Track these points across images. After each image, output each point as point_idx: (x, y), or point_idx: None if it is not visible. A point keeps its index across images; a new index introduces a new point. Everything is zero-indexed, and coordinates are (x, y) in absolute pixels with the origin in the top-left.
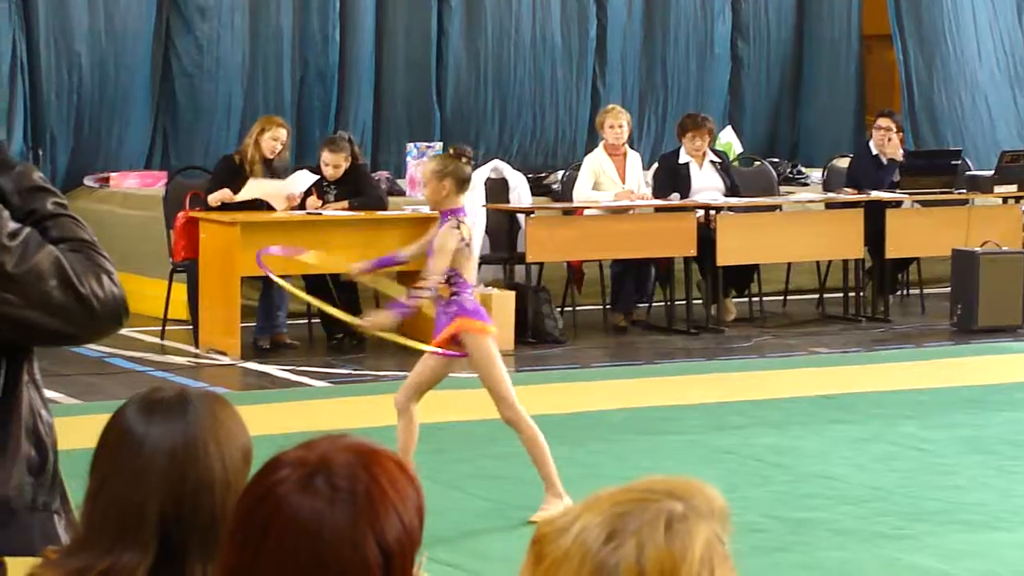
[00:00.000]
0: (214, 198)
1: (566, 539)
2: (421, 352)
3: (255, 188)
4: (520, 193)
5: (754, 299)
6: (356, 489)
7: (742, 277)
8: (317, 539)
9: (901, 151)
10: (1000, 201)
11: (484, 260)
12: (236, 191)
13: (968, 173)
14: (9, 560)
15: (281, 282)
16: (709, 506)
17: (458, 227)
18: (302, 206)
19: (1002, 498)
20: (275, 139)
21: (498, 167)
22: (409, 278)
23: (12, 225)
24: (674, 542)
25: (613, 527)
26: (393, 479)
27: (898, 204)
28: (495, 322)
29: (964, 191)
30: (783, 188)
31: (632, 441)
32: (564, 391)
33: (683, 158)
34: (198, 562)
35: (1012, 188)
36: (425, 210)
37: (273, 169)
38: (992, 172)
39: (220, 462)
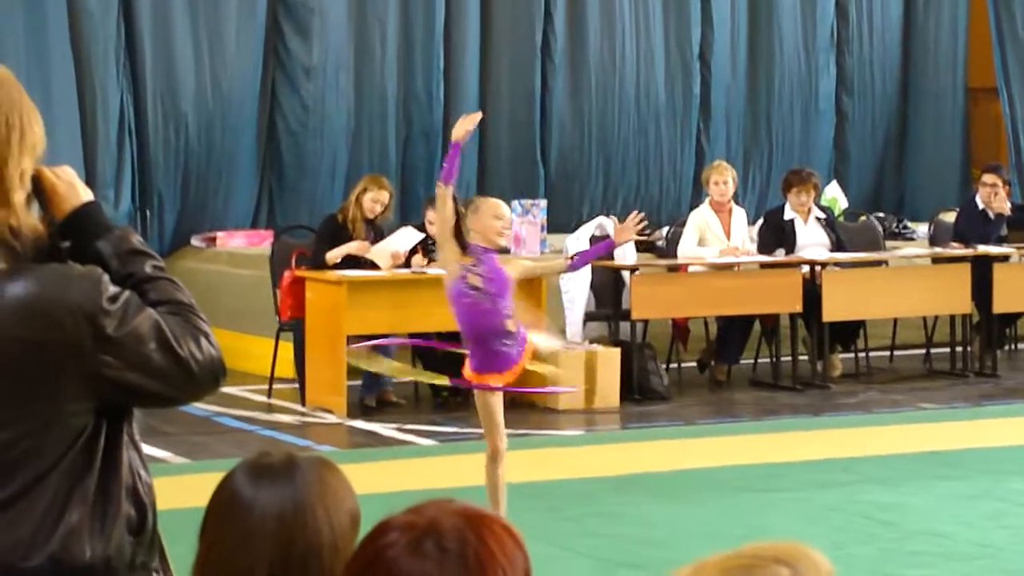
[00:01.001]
0: (333, 255)
1: None
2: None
3: (398, 238)
4: (625, 250)
5: (860, 355)
6: (465, 552)
7: (848, 333)
8: None
9: (1008, 205)
10: None
11: (589, 316)
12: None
13: None
14: None
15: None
16: (816, 570)
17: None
18: (407, 264)
19: None
20: (375, 200)
21: (603, 224)
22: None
23: (113, 289)
24: None
25: None
26: (501, 543)
27: (1006, 258)
28: (602, 378)
29: None
30: (889, 243)
31: (739, 498)
32: (670, 448)
33: (788, 214)
34: None
35: None
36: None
37: (377, 228)
38: None
39: (328, 526)
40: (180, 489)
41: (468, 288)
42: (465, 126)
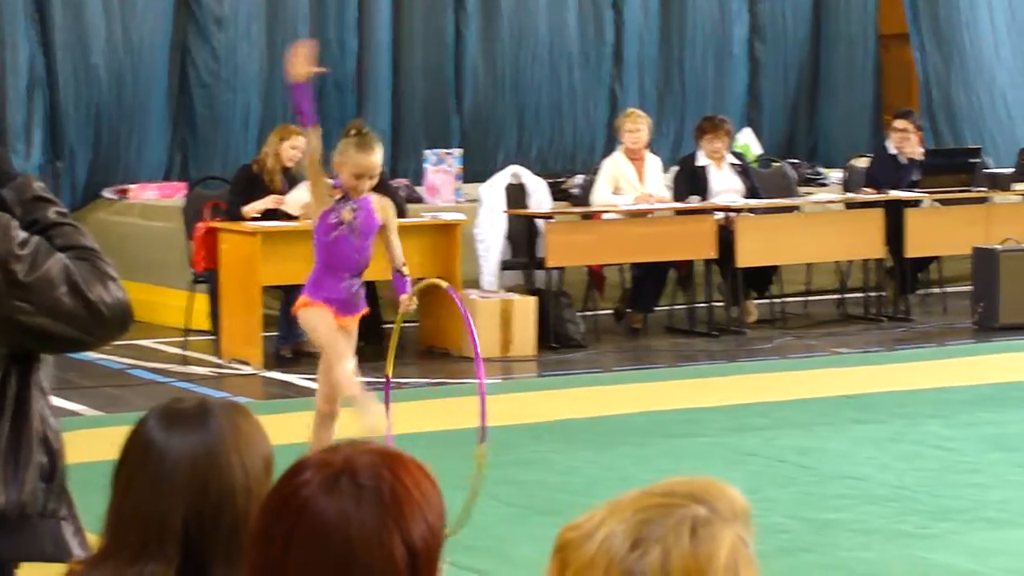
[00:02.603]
0: (250, 208)
1: (590, 546)
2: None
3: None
4: (540, 198)
5: (775, 300)
6: (381, 489)
7: (762, 279)
8: (344, 539)
9: (920, 150)
10: (1020, 198)
11: (505, 265)
12: (252, 200)
13: (987, 171)
14: (23, 566)
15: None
16: (732, 509)
17: None
18: None
19: None
20: (294, 147)
21: (517, 172)
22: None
23: (21, 234)
24: (699, 547)
25: (638, 534)
26: (416, 480)
27: (917, 203)
28: (518, 326)
29: (984, 189)
30: (802, 189)
31: (655, 444)
32: (587, 395)
33: (702, 161)
34: (222, 570)
35: None
36: (444, 217)
37: (292, 178)
38: (1012, 169)
39: (242, 470)
40: (95, 442)
41: (338, 221)
42: (299, 64)
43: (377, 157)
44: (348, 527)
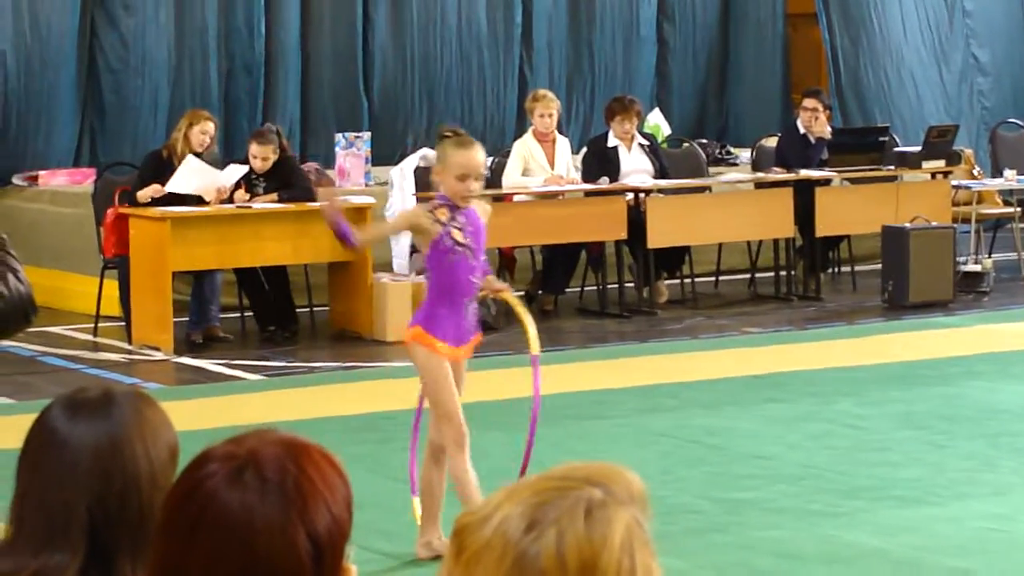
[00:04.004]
0: (143, 194)
1: (487, 530)
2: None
3: (186, 172)
4: None
5: (686, 281)
6: (285, 482)
7: (673, 259)
8: (248, 532)
9: (829, 129)
10: (928, 176)
11: (415, 249)
12: (164, 185)
13: (896, 149)
14: None
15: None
16: (628, 491)
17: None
18: (231, 200)
19: (935, 473)
20: (203, 132)
21: (427, 155)
22: None
23: None
24: (594, 529)
25: (533, 517)
26: (322, 471)
27: (827, 182)
28: None
29: (892, 167)
30: (712, 169)
31: (566, 426)
32: (499, 377)
33: (612, 142)
34: (127, 561)
35: (940, 163)
36: (354, 200)
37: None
38: (920, 148)
39: (146, 460)
40: (5, 430)
41: (453, 244)
42: (331, 201)
43: (480, 155)
44: (252, 520)
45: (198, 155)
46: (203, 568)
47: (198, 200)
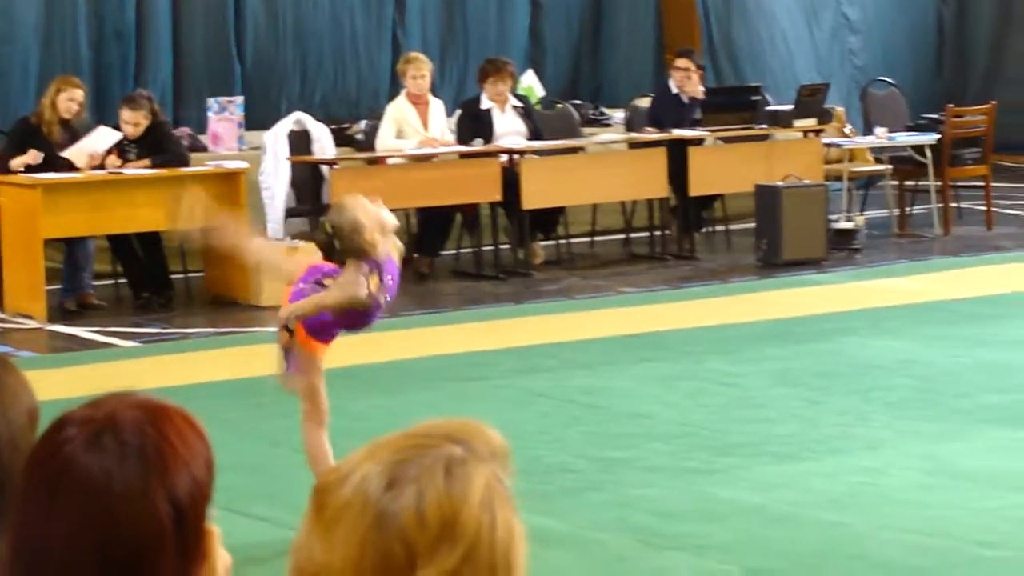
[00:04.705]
0: (17, 162)
1: (347, 489)
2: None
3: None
4: (323, 144)
5: (561, 242)
6: (144, 445)
7: (548, 220)
8: (107, 496)
9: (701, 89)
10: (800, 135)
11: (290, 212)
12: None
13: (768, 108)
14: None
15: None
16: (489, 448)
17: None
18: (102, 166)
19: (810, 428)
20: (71, 99)
21: (300, 119)
22: None
23: None
24: (453, 486)
25: (393, 475)
26: (182, 435)
27: (700, 142)
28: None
29: (765, 126)
30: (586, 130)
31: (445, 388)
32: (374, 340)
33: (485, 104)
34: None
35: (812, 122)
36: (228, 165)
37: (72, 129)
38: (792, 106)
39: (4, 424)
40: None
41: (382, 303)
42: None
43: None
44: (111, 485)
45: (66, 122)
46: (64, 534)
47: (69, 166)
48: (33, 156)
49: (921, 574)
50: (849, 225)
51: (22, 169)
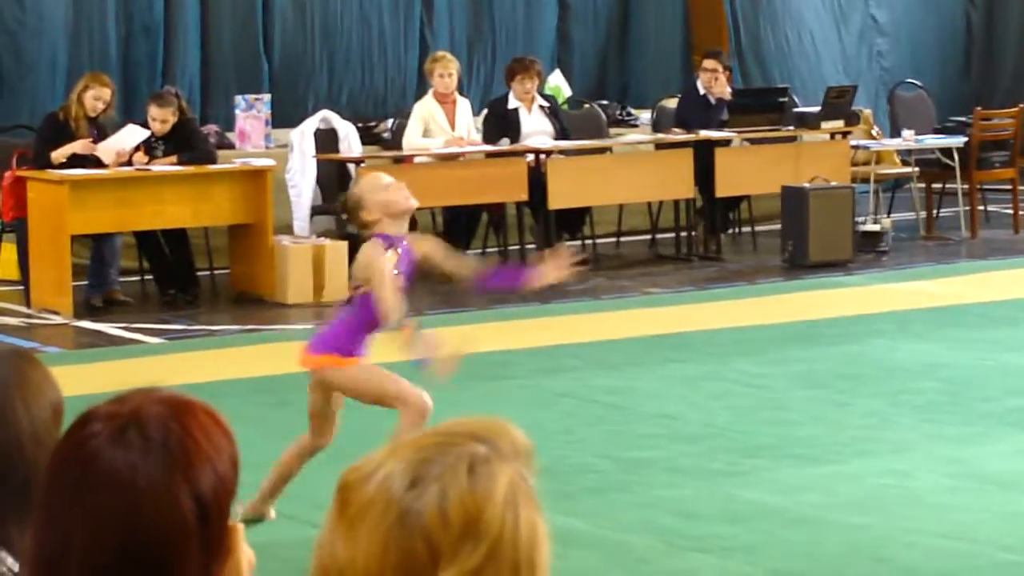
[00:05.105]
0: (59, 153)
1: (370, 486)
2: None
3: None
4: (350, 142)
5: (587, 242)
6: (169, 441)
7: (574, 220)
8: (131, 491)
9: (728, 90)
10: (827, 137)
11: (316, 210)
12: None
13: (795, 110)
14: None
15: None
16: (513, 447)
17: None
18: (130, 162)
19: (834, 431)
20: (97, 98)
21: (327, 117)
22: None
23: None
24: (477, 484)
25: (416, 473)
26: (206, 430)
27: (727, 143)
28: (330, 271)
29: (792, 128)
30: (613, 130)
31: (469, 387)
32: (401, 339)
33: (512, 103)
34: (13, 522)
35: (839, 124)
36: (255, 163)
37: (99, 126)
38: (819, 108)
39: (28, 419)
40: None
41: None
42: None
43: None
44: (135, 479)
45: (94, 119)
46: (87, 528)
47: (97, 163)
48: (83, 145)
49: None
50: (876, 227)
51: (64, 160)
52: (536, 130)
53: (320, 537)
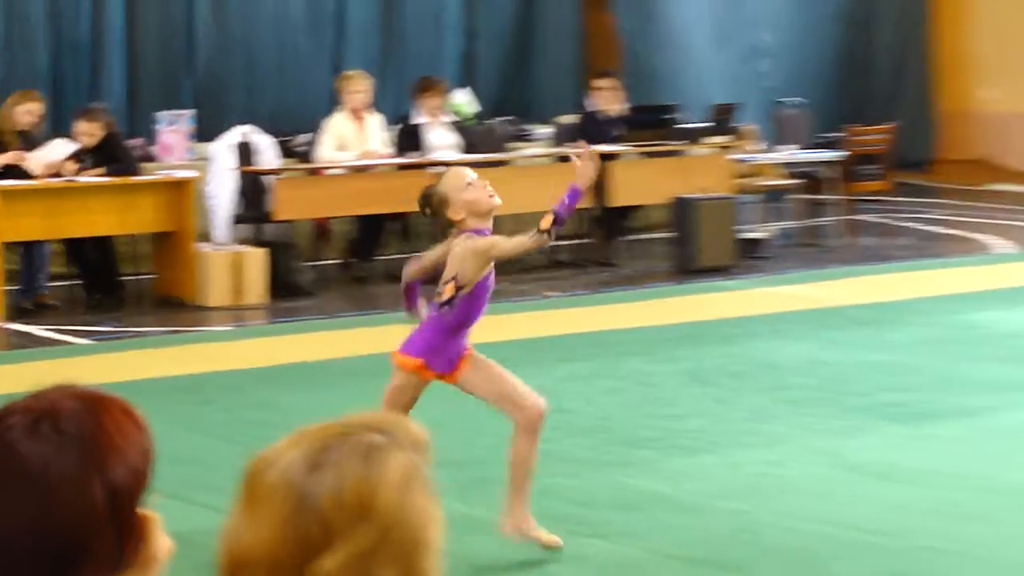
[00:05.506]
0: None
1: (272, 473)
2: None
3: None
4: (268, 156)
5: None
6: (82, 434)
7: None
8: (44, 481)
9: (621, 107)
10: (712, 150)
11: (236, 219)
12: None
13: (683, 126)
14: None
15: None
16: (409, 438)
17: None
18: (59, 174)
19: (717, 424)
20: (29, 112)
21: (246, 132)
22: None
23: None
24: (371, 470)
25: (315, 460)
26: (119, 424)
27: (620, 156)
28: (249, 276)
29: (680, 143)
30: (514, 144)
31: (379, 384)
32: (315, 340)
33: (420, 119)
34: None
35: (723, 139)
36: (177, 174)
37: (30, 140)
38: (704, 124)
39: None
40: None
41: (490, 278)
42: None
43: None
44: (48, 470)
45: (24, 133)
46: (3, 516)
47: (26, 174)
48: (13, 156)
49: (815, 559)
50: (758, 235)
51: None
52: (442, 144)
53: (227, 524)
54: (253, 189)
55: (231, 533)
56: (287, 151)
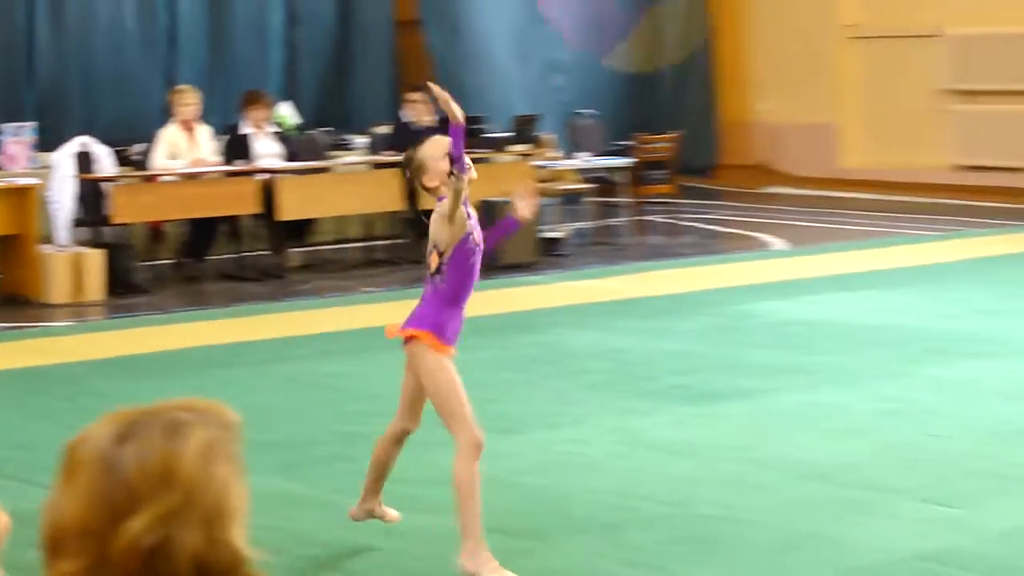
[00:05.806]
0: None
1: (87, 447)
2: None
3: None
4: (105, 164)
5: (312, 248)
6: None
7: (301, 230)
8: None
9: (432, 119)
10: (514, 157)
11: (76, 223)
12: None
13: (489, 135)
14: None
15: None
16: (219, 419)
17: None
18: None
19: (524, 407)
20: None
21: (85, 142)
22: None
23: None
24: (175, 441)
25: (124, 433)
26: None
27: None
28: (88, 275)
29: (486, 151)
30: (333, 153)
31: (211, 374)
32: (150, 334)
33: (246, 129)
34: None
35: (525, 147)
36: (20, 182)
37: None
38: (508, 134)
39: None
40: None
41: (474, 244)
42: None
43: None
44: None
45: None
46: None
47: None
48: None
49: (614, 528)
50: (557, 234)
51: None
52: (267, 153)
53: (48, 498)
54: (92, 195)
55: (51, 506)
56: (123, 160)
